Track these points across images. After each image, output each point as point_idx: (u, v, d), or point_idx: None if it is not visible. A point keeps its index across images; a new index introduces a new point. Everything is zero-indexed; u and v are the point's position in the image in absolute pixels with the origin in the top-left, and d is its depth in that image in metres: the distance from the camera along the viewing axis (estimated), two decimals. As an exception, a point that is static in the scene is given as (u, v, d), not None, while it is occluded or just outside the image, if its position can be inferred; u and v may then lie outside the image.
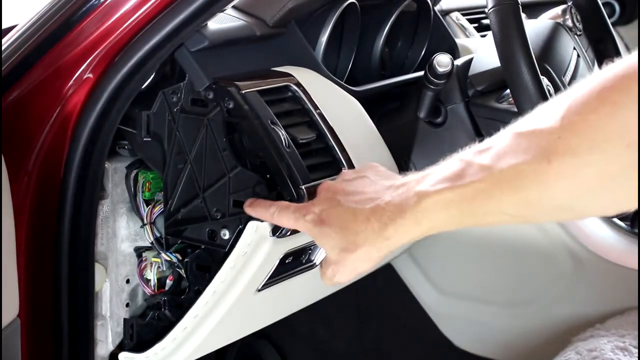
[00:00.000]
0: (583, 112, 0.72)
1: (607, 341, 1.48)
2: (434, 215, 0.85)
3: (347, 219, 0.92)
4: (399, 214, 0.87)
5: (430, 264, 1.93)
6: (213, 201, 1.11)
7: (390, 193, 0.89)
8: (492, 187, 0.79)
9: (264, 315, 1.30)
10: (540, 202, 0.78)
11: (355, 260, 0.93)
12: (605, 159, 0.71)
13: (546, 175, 0.75)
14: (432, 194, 0.84)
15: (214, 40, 1.12)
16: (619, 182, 0.73)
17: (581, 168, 0.73)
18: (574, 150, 0.73)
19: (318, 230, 0.95)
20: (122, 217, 1.21)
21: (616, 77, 0.71)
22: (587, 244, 1.77)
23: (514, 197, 0.78)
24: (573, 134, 0.73)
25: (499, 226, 1.84)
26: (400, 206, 0.87)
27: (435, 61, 1.25)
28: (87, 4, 1.11)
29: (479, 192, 0.80)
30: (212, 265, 1.14)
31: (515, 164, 0.77)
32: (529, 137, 0.76)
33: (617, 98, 0.70)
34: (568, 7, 1.48)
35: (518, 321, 1.86)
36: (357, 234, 0.91)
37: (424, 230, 0.87)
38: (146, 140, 1.16)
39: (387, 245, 0.90)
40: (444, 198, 0.83)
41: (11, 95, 1.12)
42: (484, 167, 0.80)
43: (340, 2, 1.31)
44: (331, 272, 0.97)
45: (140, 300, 1.26)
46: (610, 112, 0.70)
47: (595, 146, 0.71)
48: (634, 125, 0.69)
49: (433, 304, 1.93)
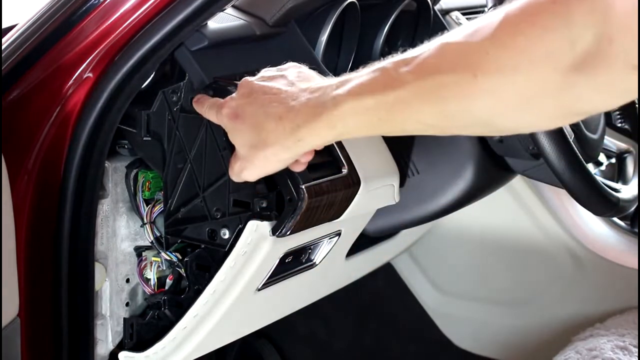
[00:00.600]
0: (514, 33, 0.73)
1: (607, 340, 1.49)
2: (349, 120, 0.85)
3: (260, 116, 0.92)
4: (313, 117, 0.87)
5: (430, 263, 1.93)
6: (213, 200, 1.11)
7: (306, 95, 0.90)
8: (413, 96, 0.80)
9: (264, 315, 1.30)
10: (461, 115, 0.79)
11: (264, 159, 0.94)
12: (529, 79, 0.73)
13: (470, 89, 0.76)
14: (350, 99, 0.84)
15: (214, 39, 1.12)
16: (538, 104, 0.75)
17: (505, 85, 0.74)
18: (500, 68, 0.74)
19: (232, 124, 0.96)
20: (122, 217, 1.21)
21: (548, 1, 0.72)
22: (587, 244, 1.78)
23: (435, 108, 0.79)
24: (502, 52, 0.74)
25: (500, 226, 1.84)
26: (315, 109, 0.87)
27: (435, 61, 1.24)
28: (87, 4, 1.11)
29: (399, 101, 0.81)
30: (212, 265, 1.14)
31: (440, 75, 0.77)
32: (457, 50, 0.77)
33: (547, 22, 0.72)
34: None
35: (518, 320, 1.86)
36: (268, 132, 0.91)
37: (337, 134, 0.88)
38: (146, 140, 1.16)
39: (298, 147, 0.91)
40: (363, 105, 0.84)
41: (11, 94, 1.12)
42: (407, 77, 0.80)
43: (340, 1, 1.31)
44: (238, 167, 0.97)
45: (140, 300, 1.26)
46: (538, 35, 0.72)
47: (521, 66, 0.73)
48: (560, 49, 0.71)
49: (433, 303, 1.94)
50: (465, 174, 1.27)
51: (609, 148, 1.52)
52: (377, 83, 0.83)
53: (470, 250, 1.88)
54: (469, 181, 1.27)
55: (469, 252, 1.88)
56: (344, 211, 1.14)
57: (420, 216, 1.33)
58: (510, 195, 1.80)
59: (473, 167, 1.27)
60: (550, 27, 0.71)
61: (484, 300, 1.89)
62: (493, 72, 0.75)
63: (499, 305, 1.88)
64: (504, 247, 1.83)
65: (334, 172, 1.11)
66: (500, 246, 1.83)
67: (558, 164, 1.12)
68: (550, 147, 1.11)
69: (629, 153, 1.53)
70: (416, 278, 1.94)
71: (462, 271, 1.91)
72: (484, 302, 1.89)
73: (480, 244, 1.86)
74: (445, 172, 1.28)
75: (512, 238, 1.83)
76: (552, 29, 0.71)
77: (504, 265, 1.86)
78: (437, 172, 1.28)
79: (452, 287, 1.92)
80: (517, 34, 0.73)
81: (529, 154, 1.22)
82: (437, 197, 1.29)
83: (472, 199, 1.33)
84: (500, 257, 1.85)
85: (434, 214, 1.32)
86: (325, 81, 0.91)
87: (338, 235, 1.23)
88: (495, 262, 1.87)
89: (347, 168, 1.12)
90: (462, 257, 1.90)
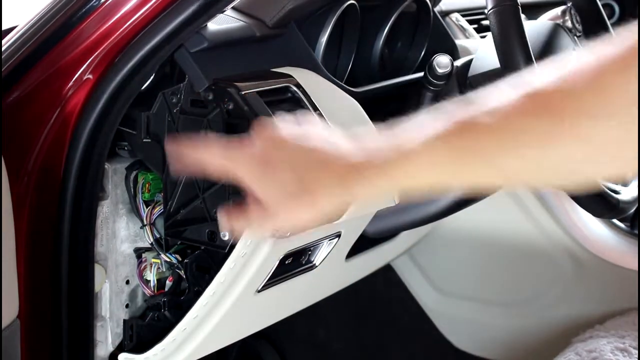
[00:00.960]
0: (612, 79, 0.68)
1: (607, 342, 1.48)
2: (417, 174, 0.77)
3: (300, 161, 0.81)
4: (373, 170, 0.78)
5: (429, 264, 1.93)
6: (213, 202, 1.11)
7: (356, 143, 0.80)
8: (494, 145, 0.73)
9: (264, 316, 1.30)
10: (549, 164, 0.72)
11: (307, 207, 0.81)
12: (624, 125, 0.68)
13: (561, 136, 0.70)
14: (419, 150, 0.76)
15: (214, 41, 1.12)
16: (630, 151, 0.69)
17: (598, 131, 0.69)
18: (594, 113, 0.69)
19: (261, 170, 0.82)
20: (122, 218, 1.21)
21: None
22: (587, 245, 1.78)
23: (516, 156, 0.73)
24: (594, 97, 0.69)
25: (499, 227, 1.84)
26: (371, 158, 0.78)
27: (434, 62, 1.25)
28: (87, 5, 1.11)
29: (477, 150, 0.74)
30: (211, 266, 1.14)
31: (525, 119, 0.71)
32: (545, 95, 0.71)
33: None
34: (568, 8, 1.48)
35: (517, 322, 1.86)
36: (311, 180, 0.80)
37: (399, 188, 0.79)
38: (146, 141, 1.16)
39: (346, 200, 0.81)
40: (435, 160, 0.75)
41: (11, 96, 1.12)
42: (487, 123, 0.73)
43: (340, 3, 1.31)
44: (270, 221, 0.83)
45: (140, 301, 1.26)
46: (630, 80, 0.66)
47: (616, 111, 0.68)
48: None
49: (432, 304, 1.94)
50: (465, 176, 1.27)
51: (609, 150, 1.51)
52: (451, 132, 0.75)
53: (470, 251, 1.88)
54: (468, 182, 1.27)
55: (469, 254, 1.88)
56: (344, 212, 1.14)
57: (420, 218, 1.33)
58: (510, 197, 1.80)
59: (473, 169, 1.26)
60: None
61: (484, 302, 1.89)
62: (584, 117, 0.69)
63: (498, 307, 1.88)
64: (504, 248, 1.83)
65: (334, 173, 1.11)
66: (500, 247, 1.83)
67: None
68: None
69: (629, 155, 1.52)
70: (416, 279, 1.94)
71: (462, 272, 1.91)
72: (484, 303, 1.89)
73: (480, 246, 1.86)
74: (445, 173, 1.28)
75: (511, 239, 1.83)
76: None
77: (504, 266, 1.86)
78: (437, 173, 1.28)
79: (452, 289, 1.92)
80: (615, 78, 0.68)
81: (529, 155, 1.22)
82: (437, 199, 1.29)
83: (471, 200, 1.33)
84: (500, 258, 1.85)
85: (434, 215, 1.32)
86: (370, 128, 0.82)
87: (338, 237, 1.23)
88: (495, 263, 1.87)
89: (346, 170, 1.12)
90: (462, 258, 1.90)
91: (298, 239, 1.13)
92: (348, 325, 2.00)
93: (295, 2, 1.20)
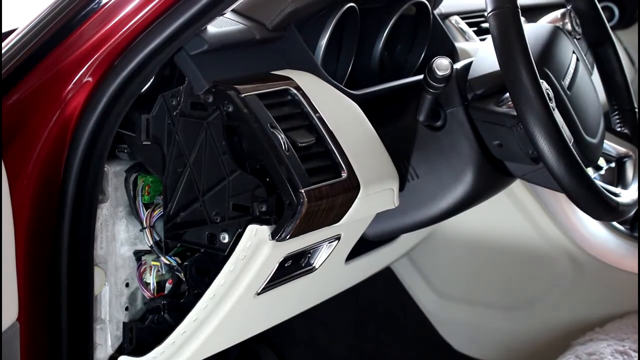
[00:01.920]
0: None
1: (607, 345, 1.49)
2: None
3: None
4: None
5: (429, 267, 1.93)
6: (212, 205, 1.11)
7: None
8: None
9: (264, 319, 1.30)
10: None
11: None
12: None
13: None
14: None
15: (214, 43, 1.12)
16: None
17: None
18: None
19: None
20: (122, 221, 1.21)
21: None
22: (587, 248, 1.78)
23: None
24: None
25: (499, 230, 1.84)
26: None
27: (434, 65, 1.25)
28: (87, 8, 1.11)
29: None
30: (211, 269, 1.14)
31: None
32: None
33: None
34: (567, 10, 1.48)
35: (517, 325, 1.86)
36: None
37: None
38: (146, 144, 1.16)
39: None
40: None
41: (11, 98, 1.12)
42: None
43: (339, 5, 1.31)
44: None
45: (139, 304, 1.26)
46: None
47: None
48: None
49: (432, 307, 1.94)
50: (465, 178, 1.27)
51: (609, 152, 1.52)
52: None
53: (470, 254, 1.88)
54: (468, 185, 1.27)
55: (468, 256, 1.88)
56: (344, 215, 1.14)
57: (419, 220, 1.33)
58: (510, 200, 1.80)
59: (473, 172, 1.26)
60: None
61: (484, 305, 1.89)
62: None
63: (498, 309, 1.88)
64: (504, 251, 1.83)
65: (334, 176, 1.11)
66: (499, 250, 1.84)
67: (558, 168, 1.12)
68: (549, 152, 1.11)
69: (629, 157, 1.53)
70: (416, 282, 1.94)
71: (461, 275, 1.91)
72: (483, 306, 1.89)
73: (480, 248, 1.86)
74: (444, 176, 1.28)
75: (511, 242, 1.83)
76: None
77: (504, 269, 1.86)
78: (436, 176, 1.28)
79: (452, 291, 1.92)
80: None
81: (529, 158, 1.22)
82: (437, 201, 1.29)
83: (471, 203, 1.33)
84: (500, 261, 1.85)
85: (434, 218, 1.32)
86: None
87: (337, 240, 1.23)
88: (495, 266, 1.87)
89: (346, 172, 1.12)
90: (461, 261, 1.90)
91: (298, 242, 1.13)
92: (348, 328, 2.00)
93: (295, 4, 1.20)
